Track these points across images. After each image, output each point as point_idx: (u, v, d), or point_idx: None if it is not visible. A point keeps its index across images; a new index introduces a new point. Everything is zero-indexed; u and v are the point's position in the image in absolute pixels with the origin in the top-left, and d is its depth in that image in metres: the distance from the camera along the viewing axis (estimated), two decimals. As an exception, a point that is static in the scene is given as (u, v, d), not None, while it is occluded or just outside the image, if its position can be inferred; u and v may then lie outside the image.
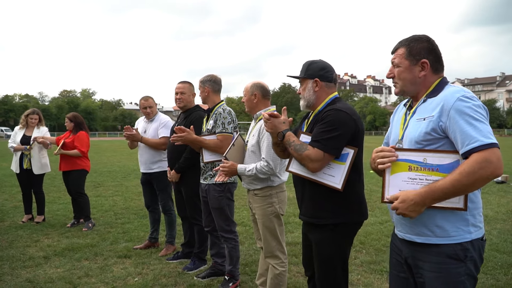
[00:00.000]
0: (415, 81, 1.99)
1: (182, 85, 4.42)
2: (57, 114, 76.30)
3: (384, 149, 1.96)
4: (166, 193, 5.10)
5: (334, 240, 2.52)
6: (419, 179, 1.85)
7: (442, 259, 1.85)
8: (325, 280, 2.57)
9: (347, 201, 2.50)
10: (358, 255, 4.81)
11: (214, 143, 3.76)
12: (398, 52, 2.04)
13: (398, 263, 2.08)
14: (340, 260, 2.56)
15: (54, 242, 5.35)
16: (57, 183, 10.82)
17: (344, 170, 2.40)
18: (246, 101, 3.46)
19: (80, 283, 3.99)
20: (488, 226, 6.06)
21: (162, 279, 4.12)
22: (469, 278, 1.86)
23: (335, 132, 2.39)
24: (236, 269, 3.91)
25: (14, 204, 7.86)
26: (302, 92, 2.67)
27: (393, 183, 1.91)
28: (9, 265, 4.44)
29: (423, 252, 1.91)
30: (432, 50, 2.00)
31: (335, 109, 2.48)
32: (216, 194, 3.82)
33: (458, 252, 1.83)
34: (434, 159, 1.83)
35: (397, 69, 2.03)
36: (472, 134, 1.73)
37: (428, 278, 1.89)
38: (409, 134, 1.95)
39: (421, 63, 1.97)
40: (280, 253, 3.33)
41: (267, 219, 3.29)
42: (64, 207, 7.65)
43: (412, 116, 1.99)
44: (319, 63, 2.67)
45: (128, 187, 10.20)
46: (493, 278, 4.02)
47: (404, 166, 1.89)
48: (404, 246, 2.02)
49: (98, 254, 4.88)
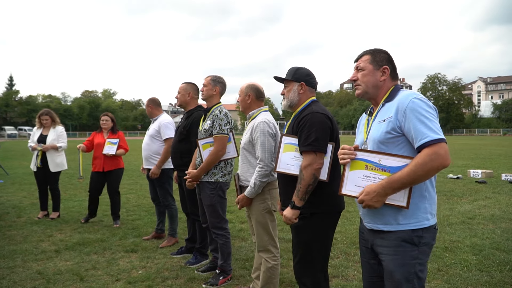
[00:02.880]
0: (376, 84, 2.23)
1: (181, 85, 4.62)
2: (79, 114, 78.00)
3: (345, 147, 2.20)
4: (163, 189, 5.34)
5: (310, 226, 2.73)
6: (373, 177, 2.10)
7: (398, 242, 2.06)
8: (301, 264, 2.78)
9: (324, 194, 2.71)
10: (357, 251, 4.89)
11: (212, 156, 3.89)
12: (363, 58, 2.29)
13: (367, 250, 2.29)
14: (317, 246, 2.75)
15: (66, 237, 5.60)
16: (74, 181, 11.19)
17: (327, 163, 2.66)
18: (241, 101, 3.64)
19: (87, 275, 4.21)
20: (493, 225, 6.06)
21: (165, 272, 4.31)
22: (420, 263, 2.06)
23: (317, 133, 2.64)
24: (227, 264, 4.06)
25: (32, 201, 8.19)
26: (287, 93, 2.93)
27: (351, 178, 2.16)
28: (22, 258, 4.70)
29: (384, 238, 2.12)
30: (391, 60, 2.28)
31: (312, 112, 2.74)
32: (208, 191, 3.97)
33: (413, 237, 2.05)
34: (388, 161, 2.06)
35: (361, 72, 2.27)
36: (424, 130, 1.96)
37: (386, 261, 2.11)
38: (372, 135, 2.17)
39: (383, 69, 2.24)
40: (272, 247, 3.47)
41: (260, 215, 3.43)
42: (79, 204, 7.94)
43: (374, 120, 2.23)
44: (305, 69, 2.96)
45: (142, 185, 10.46)
46: (488, 275, 4.06)
47: (361, 164, 2.14)
48: (370, 235, 2.23)
49: (107, 248, 5.10)
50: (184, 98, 4.56)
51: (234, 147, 4.02)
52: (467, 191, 9.03)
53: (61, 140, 6.78)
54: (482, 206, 7.42)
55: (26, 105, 72.26)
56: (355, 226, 6.05)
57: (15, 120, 71.57)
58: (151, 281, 4.04)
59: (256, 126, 3.39)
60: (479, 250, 4.85)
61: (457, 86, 76.30)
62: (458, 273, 4.13)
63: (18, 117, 72.22)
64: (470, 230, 5.81)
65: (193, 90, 4.59)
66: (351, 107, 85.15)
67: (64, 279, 4.08)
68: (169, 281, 4.05)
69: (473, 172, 11.47)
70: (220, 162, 3.95)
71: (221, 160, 3.94)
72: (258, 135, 3.35)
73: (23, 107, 72.02)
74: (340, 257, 4.72)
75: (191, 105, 4.61)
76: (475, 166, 12.96)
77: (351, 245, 5.14)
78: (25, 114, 71.26)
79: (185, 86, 4.59)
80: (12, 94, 73.83)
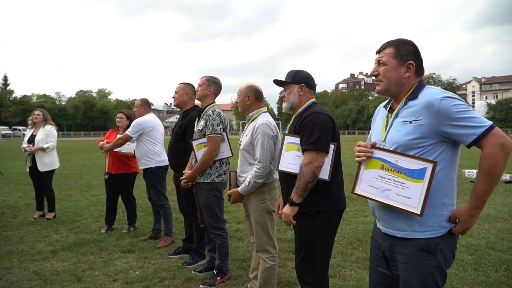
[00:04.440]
0: (399, 81, 2.05)
1: (179, 85, 4.63)
2: (73, 113, 77.59)
3: (361, 144, 2.10)
4: (155, 189, 5.36)
5: (314, 225, 2.74)
6: (388, 179, 1.99)
7: (414, 251, 1.97)
8: (303, 263, 2.79)
9: (327, 192, 2.73)
10: (354, 252, 4.92)
11: (206, 156, 3.90)
12: (386, 51, 2.08)
13: (377, 257, 2.21)
14: (320, 245, 2.77)
15: (62, 238, 5.58)
16: (70, 181, 11.15)
17: (328, 162, 2.68)
18: (240, 102, 3.62)
19: (84, 275, 4.20)
20: (488, 225, 6.09)
21: (162, 272, 4.30)
22: (438, 270, 1.97)
23: (320, 132, 2.66)
24: (225, 264, 4.06)
25: (27, 202, 8.14)
26: (287, 95, 2.94)
27: (365, 177, 2.07)
28: (18, 258, 4.68)
29: (399, 245, 2.03)
30: (417, 53, 2.07)
31: (314, 112, 2.75)
32: (205, 192, 3.97)
33: (429, 245, 1.95)
34: (405, 163, 1.93)
35: (383, 67, 2.07)
36: (469, 128, 1.85)
37: (401, 269, 2.02)
38: (395, 138, 2.00)
39: (408, 64, 2.04)
40: (270, 247, 3.47)
41: (259, 215, 3.44)
42: (75, 205, 7.90)
43: (395, 118, 2.05)
44: (304, 72, 2.98)
45: (138, 186, 10.38)
46: (484, 275, 4.08)
47: (377, 164, 2.02)
48: (383, 239, 2.14)
49: (104, 249, 5.09)
50: (182, 98, 4.57)
51: (228, 147, 4.02)
52: (462, 191, 9.07)
53: (49, 140, 6.65)
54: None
55: (20, 105, 71.81)
56: (352, 226, 6.07)
57: (10, 120, 71.04)
58: (148, 281, 4.03)
59: (257, 127, 3.38)
60: (474, 250, 4.88)
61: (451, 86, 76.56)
62: (454, 272, 4.16)
63: (13, 117, 71.72)
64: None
65: (191, 91, 4.59)
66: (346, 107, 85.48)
67: (61, 280, 4.07)
68: (166, 281, 4.05)
69: (468, 172, 11.52)
70: (215, 162, 3.96)
71: (215, 160, 3.95)
72: (259, 136, 3.35)
73: (18, 107, 71.55)
74: (337, 257, 4.73)
75: (188, 105, 4.61)
76: (469, 166, 13.01)
77: (347, 245, 5.15)
78: (19, 114, 70.79)
79: (183, 86, 4.59)
80: (6, 94, 73.34)
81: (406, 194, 1.93)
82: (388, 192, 1.98)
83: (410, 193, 1.92)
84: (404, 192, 1.93)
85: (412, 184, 1.91)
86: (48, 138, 6.68)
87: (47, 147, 6.60)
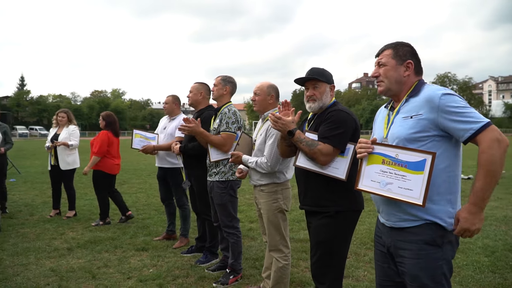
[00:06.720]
0: (400, 80, 2.13)
1: (193, 84, 4.65)
2: (88, 113, 78.49)
3: (362, 141, 2.14)
4: (180, 190, 5.32)
5: (334, 225, 2.73)
6: (389, 173, 2.03)
7: (420, 245, 1.98)
8: (319, 263, 2.77)
9: (347, 192, 2.71)
10: (368, 252, 4.88)
11: (218, 140, 3.93)
12: (385, 53, 2.18)
13: (382, 254, 2.22)
14: (338, 245, 2.75)
15: (78, 235, 5.66)
16: (85, 180, 11.24)
17: (346, 163, 2.65)
18: (261, 100, 3.56)
19: (99, 272, 4.25)
20: (506, 227, 6.00)
21: (175, 271, 4.33)
22: (446, 262, 2.00)
23: (340, 129, 2.66)
24: (238, 263, 4.07)
25: (44, 200, 8.28)
26: (319, 95, 2.82)
27: (367, 173, 2.11)
28: (35, 255, 4.76)
29: (405, 241, 2.04)
30: (415, 53, 2.17)
31: (337, 110, 2.75)
32: (219, 190, 3.98)
33: (436, 238, 1.97)
34: (405, 156, 1.98)
35: (383, 68, 2.16)
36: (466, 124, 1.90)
37: (409, 264, 2.03)
38: (397, 133, 2.06)
39: (406, 64, 2.13)
40: (283, 247, 3.46)
41: (272, 214, 3.43)
42: (90, 203, 8.01)
43: (397, 115, 2.12)
44: (328, 71, 2.90)
45: (151, 185, 10.52)
46: (501, 277, 4.02)
47: (378, 159, 2.07)
48: (388, 235, 2.15)
49: (118, 246, 5.14)
50: (196, 98, 4.58)
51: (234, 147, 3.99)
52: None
53: (73, 139, 6.82)
54: (494, 207, 7.34)
55: (37, 105, 72.92)
56: (365, 226, 6.03)
57: (26, 120, 72.24)
58: (162, 279, 4.06)
59: (270, 127, 3.34)
60: (491, 251, 4.80)
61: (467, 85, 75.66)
62: (470, 274, 4.10)
63: (29, 117, 72.91)
64: (482, 231, 5.75)
65: (205, 90, 4.60)
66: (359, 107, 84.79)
67: (77, 277, 4.13)
68: (179, 279, 4.08)
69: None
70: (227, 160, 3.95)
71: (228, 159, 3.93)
72: (273, 138, 3.32)
73: (34, 107, 72.67)
74: (350, 257, 4.70)
75: (202, 105, 4.62)
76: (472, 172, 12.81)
77: (361, 246, 5.12)
78: (36, 113, 71.95)
79: (198, 86, 4.61)
80: (23, 94, 74.49)
81: (407, 186, 1.97)
82: (390, 186, 2.03)
83: (412, 185, 1.96)
84: (406, 185, 1.98)
85: (413, 176, 1.96)
86: (72, 137, 6.83)
87: (71, 144, 6.73)
